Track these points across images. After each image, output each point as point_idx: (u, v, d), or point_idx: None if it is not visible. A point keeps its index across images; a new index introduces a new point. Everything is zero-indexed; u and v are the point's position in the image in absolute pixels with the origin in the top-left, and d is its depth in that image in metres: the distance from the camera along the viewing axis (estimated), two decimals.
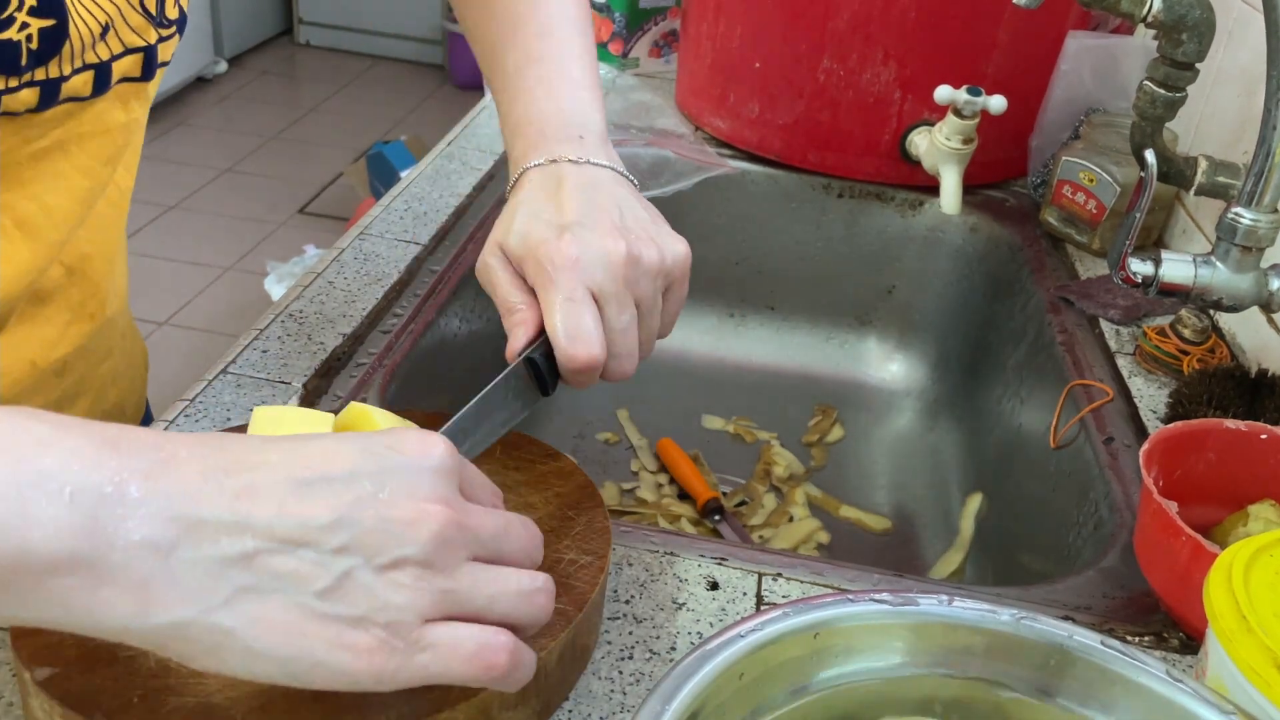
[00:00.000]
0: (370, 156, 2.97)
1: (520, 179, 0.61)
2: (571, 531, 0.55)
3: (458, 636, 0.40)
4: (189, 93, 3.77)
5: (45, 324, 0.65)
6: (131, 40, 0.60)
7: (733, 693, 0.41)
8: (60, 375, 0.67)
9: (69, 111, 0.58)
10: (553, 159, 0.61)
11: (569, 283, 0.55)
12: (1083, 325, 0.91)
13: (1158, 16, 0.70)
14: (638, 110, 1.20)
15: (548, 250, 0.56)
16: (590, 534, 0.55)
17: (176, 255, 2.86)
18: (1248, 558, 0.47)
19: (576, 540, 0.55)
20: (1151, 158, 0.72)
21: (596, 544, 0.54)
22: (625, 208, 0.60)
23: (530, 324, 0.57)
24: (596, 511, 0.57)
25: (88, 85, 0.57)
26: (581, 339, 0.54)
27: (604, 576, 0.53)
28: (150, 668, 0.45)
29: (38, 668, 0.44)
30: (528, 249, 0.57)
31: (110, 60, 0.58)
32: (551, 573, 0.51)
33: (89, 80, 0.57)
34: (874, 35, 1.03)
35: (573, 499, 0.58)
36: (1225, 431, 0.64)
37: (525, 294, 0.57)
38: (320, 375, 0.74)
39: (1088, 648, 0.42)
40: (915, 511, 1.01)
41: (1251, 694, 0.43)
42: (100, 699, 0.43)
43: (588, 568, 0.53)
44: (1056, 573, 0.75)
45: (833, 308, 1.17)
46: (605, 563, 0.53)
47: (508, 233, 0.58)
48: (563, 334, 0.54)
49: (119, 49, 0.59)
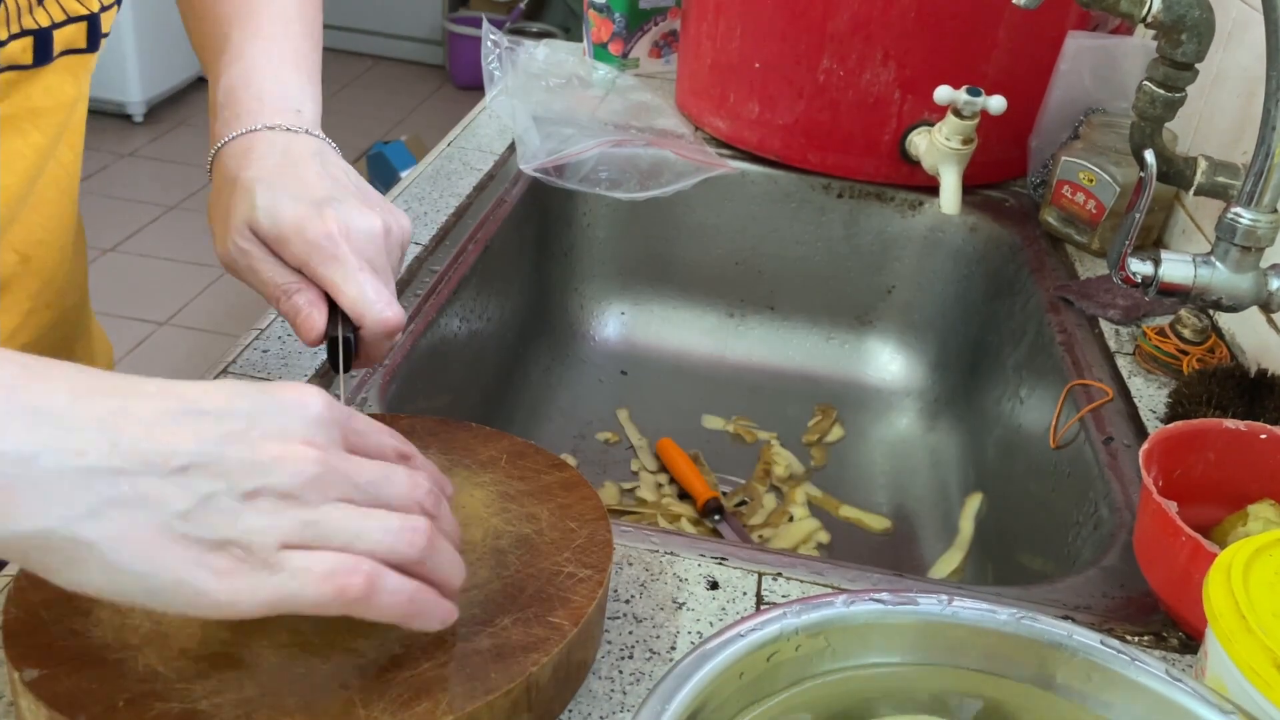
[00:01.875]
0: (370, 156, 2.97)
1: (237, 149, 0.59)
2: (573, 544, 0.55)
3: (311, 558, 0.40)
4: (189, 93, 3.77)
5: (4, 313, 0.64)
6: (73, 8, 0.58)
7: (733, 692, 0.41)
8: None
9: (12, 82, 0.57)
10: (269, 125, 0.59)
11: (351, 257, 0.55)
12: (1082, 325, 0.91)
13: (1157, 17, 0.70)
14: (638, 110, 1.20)
15: (317, 228, 0.55)
16: (592, 547, 0.54)
17: (176, 255, 2.86)
18: (1247, 558, 0.47)
19: (577, 553, 0.54)
20: (1151, 158, 0.72)
21: (597, 557, 0.54)
22: (355, 181, 0.60)
23: (322, 300, 0.56)
24: (599, 524, 0.56)
25: (27, 53, 0.56)
26: (390, 304, 0.55)
27: (602, 591, 0.52)
28: (138, 671, 0.45)
29: (26, 669, 0.44)
30: (288, 228, 0.55)
31: (51, 28, 0.57)
32: (549, 586, 0.51)
33: (28, 47, 0.56)
34: (874, 35, 1.03)
35: (576, 511, 0.57)
36: (1225, 431, 0.64)
37: (295, 273, 0.56)
38: (321, 375, 0.74)
39: (1087, 647, 0.42)
40: (915, 511, 1.01)
41: (1251, 694, 0.44)
42: (86, 702, 0.43)
43: (585, 582, 0.52)
44: (1056, 573, 0.75)
45: (833, 308, 1.17)
46: (604, 577, 0.53)
47: (253, 210, 0.55)
48: (375, 303, 0.54)
49: (60, 16, 0.58)
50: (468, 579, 0.49)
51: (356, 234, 0.55)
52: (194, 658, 0.46)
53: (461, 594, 0.48)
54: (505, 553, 0.54)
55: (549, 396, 1.11)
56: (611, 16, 1.31)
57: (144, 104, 3.48)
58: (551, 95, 1.21)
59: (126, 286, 2.68)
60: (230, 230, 0.56)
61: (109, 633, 0.46)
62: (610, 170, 1.11)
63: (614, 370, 1.16)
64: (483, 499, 0.57)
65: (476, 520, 0.56)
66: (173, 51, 3.56)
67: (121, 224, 2.93)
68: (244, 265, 0.57)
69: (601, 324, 1.19)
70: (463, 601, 0.49)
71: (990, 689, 0.44)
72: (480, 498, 0.57)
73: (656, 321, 1.20)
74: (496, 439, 0.62)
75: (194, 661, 0.45)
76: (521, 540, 0.55)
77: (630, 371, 1.16)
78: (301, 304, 0.56)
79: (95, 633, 0.46)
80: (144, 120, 3.51)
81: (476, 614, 0.49)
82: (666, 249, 1.18)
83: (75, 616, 0.47)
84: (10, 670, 0.45)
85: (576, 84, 1.24)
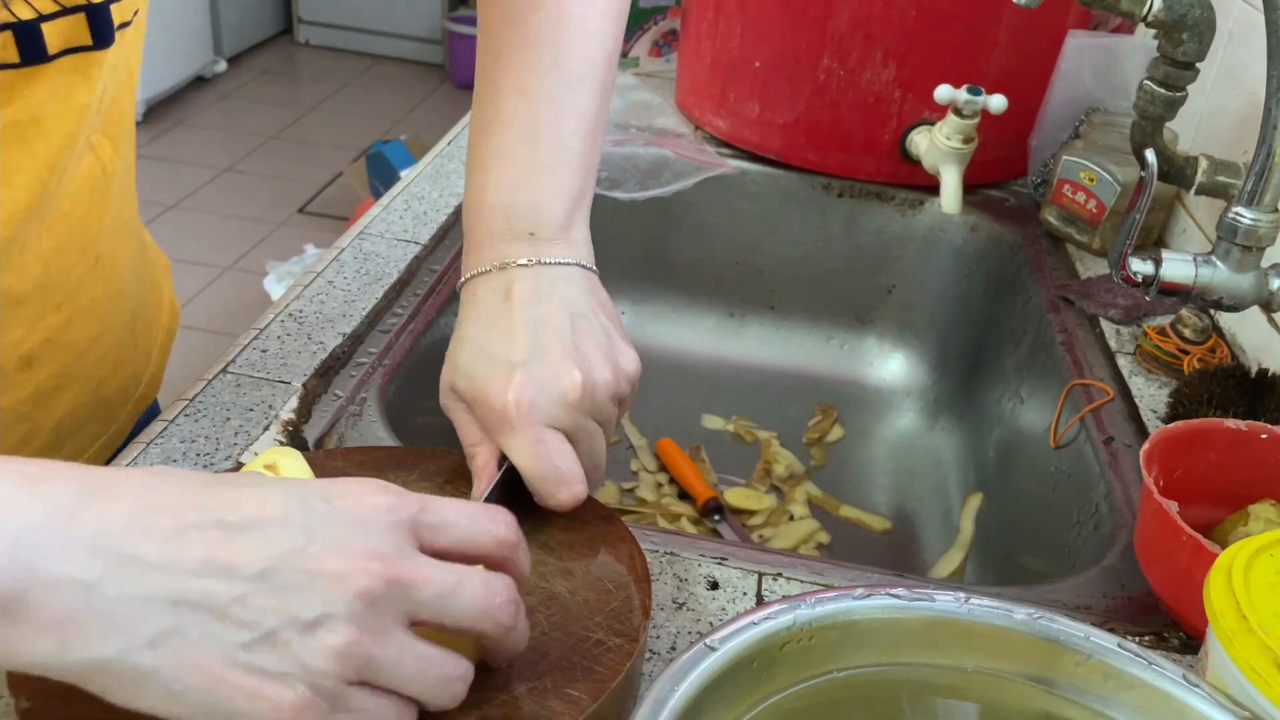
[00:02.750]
0: (370, 156, 2.97)
1: (466, 294, 0.59)
2: (607, 608, 0.50)
3: (378, 709, 0.39)
4: (189, 92, 3.77)
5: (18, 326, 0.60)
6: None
7: (744, 680, 0.41)
8: (29, 369, 0.63)
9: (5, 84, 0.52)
10: (502, 264, 0.58)
11: (528, 428, 0.54)
12: (1083, 325, 0.91)
13: (1158, 16, 0.70)
14: (638, 110, 1.20)
15: (499, 394, 0.54)
16: (627, 613, 0.50)
17: (176, 255, 2.84)
18: (1248, 558, 0.47)
19: (610, 618, 0.50)
20: (1152, 157, 0.72)
21: (631, 624, 0.49)
22: (578, 319, 0.57)
23: (488, 468, 0.56)
24: (640, 586, 0.52)
25: (10, 49, 0.52)
26: (559, 479, 0.54)
27: (631, 662, 0.47)
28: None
29: (22, 698, 0.43)
30: (477, 392, 0.55)
31: (37, 20, 0.52)
32: (574, 653, 0.47)
33: (10, 43, 0.52)
34: (874, 35, 1.03)
35: (616, 571, 0.53)
36: (1225, 431, 0.64)
37: (482, 433, 0.56)
38: (320, 375, 0.74)
39: (1103, 649, 0.42)
40: (915, 511, 1.01)
41: (1251, 694, 0.43)
42: None
43: (614, 652, 0.48)
44: (1056, 572, 0.75)
45: (833, 307, 1.17)
46: (636, 646, 0.48)
47: (455, 372, 0.57)
48: (539, 479, 0.54)
49: (49, 8, 0.53)
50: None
51: (542, 399, 0.54)
52: None
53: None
54: (534, 611, 0.49)
55: None
56: None
57: (143, 104, 3.48)
58: None
59: None
60: (442, 384, 0.58)
61: None
62: (610, 170, 1.11)
63: None
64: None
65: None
66: (173, 51, 3.57)
67: None
68: (451, 417, 0.58)
69: None
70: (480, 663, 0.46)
71: (999, 688, 0.43)
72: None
73: (656, 321, 1.20)
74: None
75: None
76: (552, 598, 0.50)
77: None
78: (476, 469, 0.56)
79: None
80: (143, 120, 3.51)
81: (492, 678, 0.46)
82: (666, 249, 1.18)
83: None
84: (7, 694, 0.44)
85: None
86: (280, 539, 0.38)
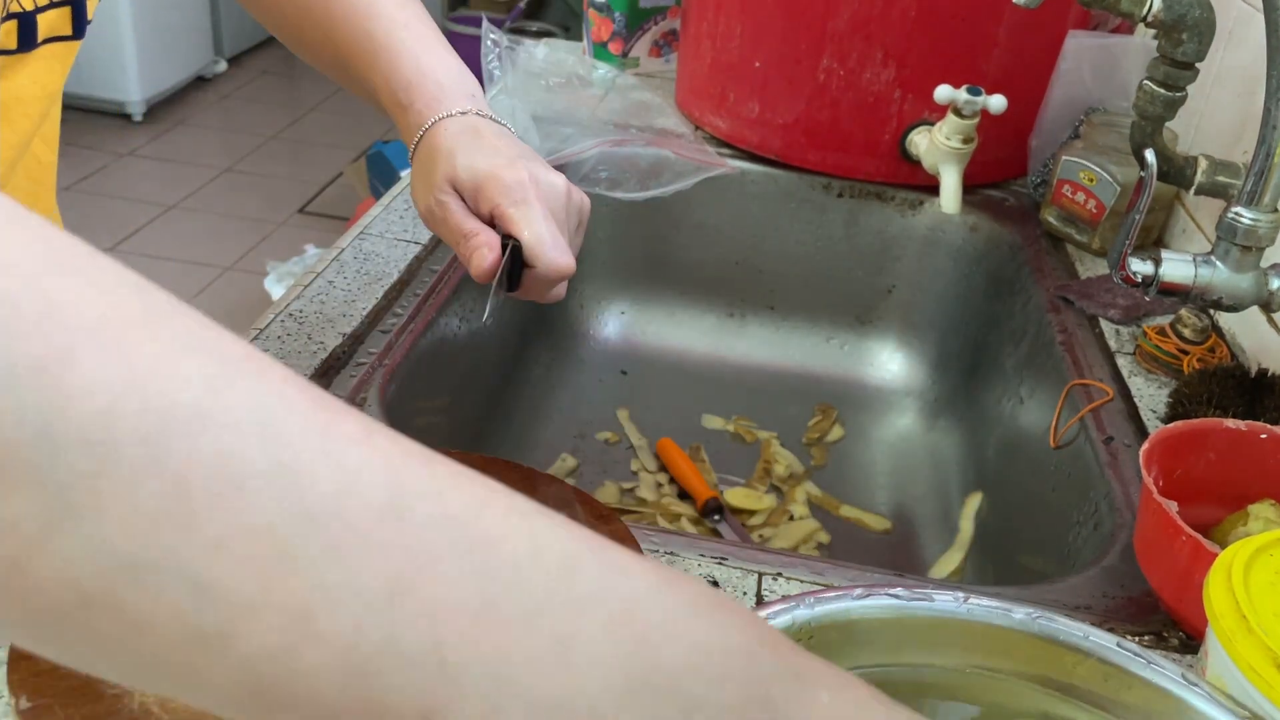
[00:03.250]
0: (370, 156, 2.97)
1: (436, 130, 0.64)
2: None
3: None
4: (189, 92, 3.77)
5: None
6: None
7: None
8: None
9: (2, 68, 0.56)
10: (462, 111, 0.65)
11: (538, 203, 0.60)
12: (1083, 325, 0.91)
13: (1158, 16, 0.70)
14: (638, 110, 1.20)
15: (512, 174, 0.60)
16: None
17: (176, 255, 2.85)
18: (1248, 558, 0.47)
19: None
20: (1151, 157, 0.72)
21: None
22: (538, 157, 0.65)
23: (494, 245, 0.60)
24: None
25: (11, 37, 0.56)
26: (562, 248, 0.60)
27: None
28: (132, 710, 0.44)
29: (22, 697, 0.43)
30: (487, 176, 0.61)
31: (35, 11, 0.57)
32: None
33: (12, 32, 0.56)
34: (874, 35, 1.03)
35: None
36: (1225, 431, 0.64)
37: (479, 221, 0.61)
38: (320, 375, 0.74)
39: (1103, 649, 0.42)
40: (915, 511, 1.01)
41: (1251, 694, 0.43)
42: None
43: None
44: (1056, 572, 0.75)
45: (833, 308, 1.17)
46: None
47: (454, 169, 0.62)
48: (549, 245, 0.59)
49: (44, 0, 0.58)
50: None
51: (544, 186, 0.61)
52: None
53: None
54: None
55: (549, 396, 1.11)
56: (611, 15, 1.31)
57: (143, 103, 3.48)
58: (551, 94, 1.21)
59: None
60: (432, 187, 0.63)
61: None
62: (610, 170, 1.11)
63: (614, 370, 1.16)
64: None
65: None
66: (172, 51, 3.56)
67: (120, 224, 2.93)
68: (439, 216, 0.63)
69: (601, 324, 1.19)
70: None
71: (998, 688, 0.43)
72: None
73: (656, 321, 1.20)
74: (545, 484, 0.59)
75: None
76: None
77: (630, 371, 1.16)
78: (473, 246, 0.61)
79: None
80: (143, 120, 3.51)
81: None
82: (666, 249, 1.18)
83: None
84: (9, 695, 0.44)
85: (576, 83, 1.24)
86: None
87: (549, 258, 0.59)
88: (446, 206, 0.62)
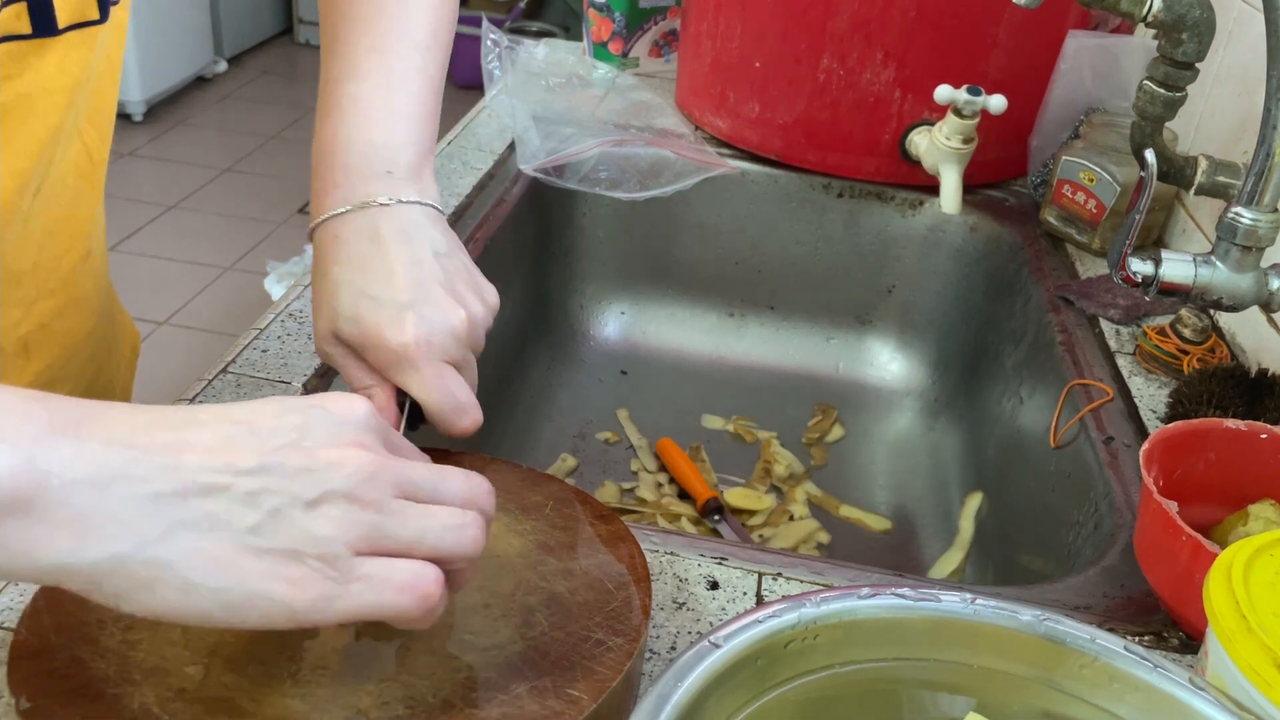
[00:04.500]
0: None
1: (325, 236, 0.58)
2: (607, 607, 0.50)
3: (392, 567, 0.41)
4: (189, 92, 3.77)
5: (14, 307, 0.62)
6: None
7: (745, 678, 0.41)
8: (27, 355, 0.65)
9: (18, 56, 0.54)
10: (362, 204, 0.58)
11: (428, 365, 0.55)
12: (1083, 325, 0.91)
13: (1158, 16, 0.70)
14: (638, 110, 1.20)
15: (396, 338, 0.55)
16: (627, 612, 0.50)
17: (176, 255, 2.86)
18: (1248, 558, 0.47)
19: (610, 618, 0.50)
20: (1151, 157, 0.72)
21: (630, 625, 0.49)
22: (442, 258, 0.58)
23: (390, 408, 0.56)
24: (640, 586, 0.52)
25: (23, 20, 0.54)
26: (462, 409, 0.56)
27: (631, 662, 0.47)
28: (132, 710, 0.44)
29: (22, 697, 0.43)
30: (369, 336, 0.55)
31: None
32: (574, 653, 0.48)
33: (22, 14, 0.54)
34: (874, 35, 1.03)
35: (616, 570, 0.53)
36: (1225, 431, 0.64)
37: (374, 375, 0.57)
38: (320, 375, 0.74)
39: (1109, 651, 0.42)
40: (915, 511, 1.01)
41: (1251, 694, 0.43)
42: None
43: (614, 652, 0.48)
44: (1056, 572, 0.75)
45: (833, 308, 1.17)
46: (635, 646, 0.48)
47: (337, 319, 0.56)
48: (447, 410, 0.56)
49: None
50: (489, 637, 0.48)
51: (437, 337, 0.55)
52: (190, 699, 0.44)
53: (481, 654, 0.47)
54: (533, 610, 0.50)
55: (549, 396, 1.11)
56: (611, 16, 1.31)
57: (144, 103, 3.48)
58: (551, 94, 1.21)
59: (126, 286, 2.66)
60: (318, 332, 0.58)
61: (112, 665, 0.45)
62: (610, 170, 1.11)
63: (614, 370, 1.16)
64: (520, 548, 0.54)
65: (509, 571, 0.52)
66: (172, 51, 3.57)
67: (121, 224, 2.93)
68: (332, 364, 0.59)
69: (601, 324, 1.19)
70: (481, 663, 0.47)
71: (1001, 685, 0.43)
72: (518, 546, 0.54)
73: (656, 321, 1.20)
74: (545, 483, 0.59)
75: (190, 704, 0.44)
76: (552, 598, 0.51)
77: (630, 371, 1.16)
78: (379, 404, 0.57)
79: (98, 664, 0.45)
80: (143, 120, 3.51)
81: (492, 678, 0.46)
82: (666, 249, 1.18)
83: (82, 644, 0.46)
84: (9, 695, 0.44)
85: (576, 83, 1.24)
86: (276, 437, 0.41)
87: (447, 421, 0.56)
88: (334, 359, 0.58)
